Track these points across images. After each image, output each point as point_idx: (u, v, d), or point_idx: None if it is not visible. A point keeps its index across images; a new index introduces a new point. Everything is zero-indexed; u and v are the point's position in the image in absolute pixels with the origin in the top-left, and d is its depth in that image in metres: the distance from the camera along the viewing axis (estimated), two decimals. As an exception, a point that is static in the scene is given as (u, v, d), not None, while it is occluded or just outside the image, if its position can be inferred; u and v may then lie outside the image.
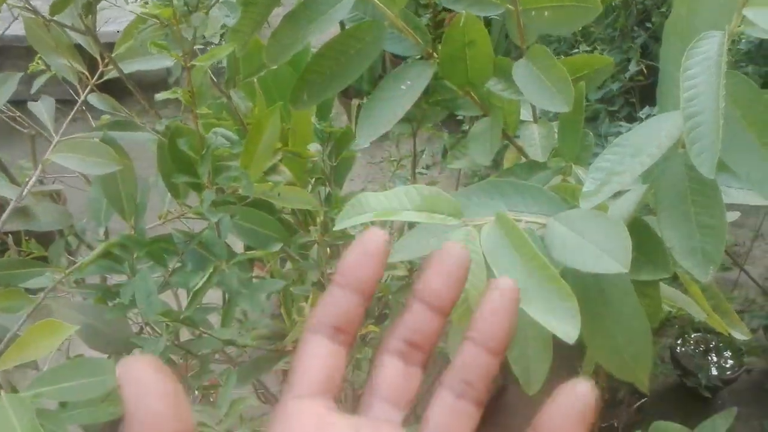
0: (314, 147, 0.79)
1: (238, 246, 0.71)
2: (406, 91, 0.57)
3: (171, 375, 0.20)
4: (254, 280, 0.65)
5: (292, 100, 0.56)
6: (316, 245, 0.66)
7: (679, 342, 1.50)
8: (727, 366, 1.45)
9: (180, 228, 0.62)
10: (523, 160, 0.65)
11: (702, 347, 1.52)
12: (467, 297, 0.35)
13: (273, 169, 0.63)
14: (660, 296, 0.48)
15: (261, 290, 0.48)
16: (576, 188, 0.50)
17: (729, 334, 0.56)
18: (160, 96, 0.47)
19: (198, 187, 0.58)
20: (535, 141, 0.62)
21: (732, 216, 0.63)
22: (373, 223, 0.41)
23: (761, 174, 0.36)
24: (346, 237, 0.57)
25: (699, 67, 0.37)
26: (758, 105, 0.37)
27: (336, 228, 0.39)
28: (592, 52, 1.20)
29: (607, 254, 0.35)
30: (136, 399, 0.19)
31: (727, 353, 1.46)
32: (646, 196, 0.46)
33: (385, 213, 0.38)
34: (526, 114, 0.66)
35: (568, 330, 0.31)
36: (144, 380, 0.19)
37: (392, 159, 0.78)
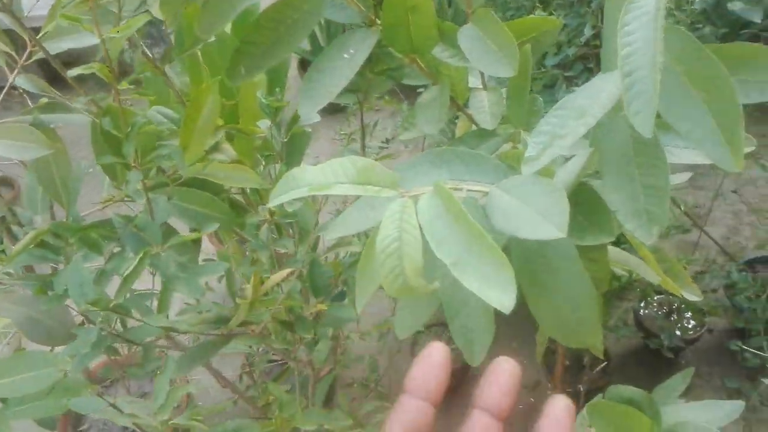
0: (264, 123, 0.76)
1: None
2: (348, 60, 0.55)
3: None
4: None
5: (228, 73, 0.53)
6: (266, 225, 0.64)
7: (642, 304, 1.53)
8: (690, 326, 1.47)
9: (127, 212, 0.59)
10: (475, 128, 0.64)
11: (665, 309, 1.55)
12: (403, 271, 0.33)
13: (215, 147, 0.60)
14: (608, 261, 0.48)
15: (201, 274, 0.46)
16: (523, 154, 0.49)
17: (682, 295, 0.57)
18: (73, 72, 0.44)
19: (129, 168, 0.56)
20: (484, 108, 0.61)
21: (683, 176, 0.63)
22: (314, 197, 0.39)
23: (703, 131, 0.35)
24: (293, 216, 0.55)
25: (637, 22, 0.36)
26: (701, 61, 0.36)
27: (270, 204, 0.37)
28: (547, 17, 1.18)
29: (545, 219, 0.33)
30: None
31: (689, 314, 1.48)
32: (592, 160, 0.45)
33: (320, 187, 0.36)
34: (476, 81, 0.64)
35: (504, 300, 0.30)
36: None
37: (342, 132, 0.76)
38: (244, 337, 0.59)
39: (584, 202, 0.44)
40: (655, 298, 1.52)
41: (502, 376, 0.26)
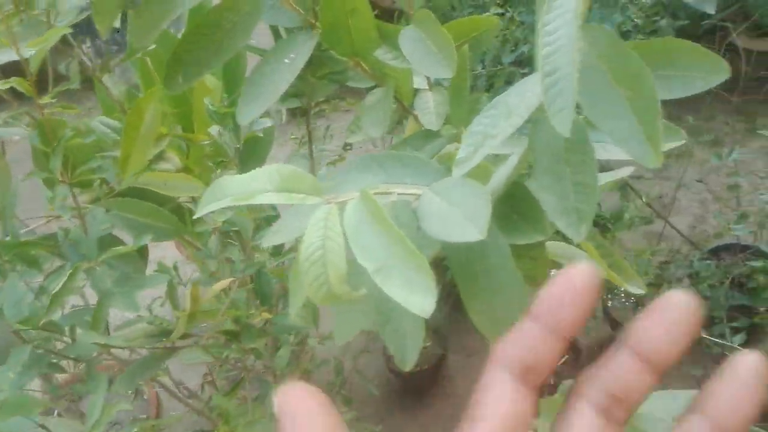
0: (214, 129, 0.76)
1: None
2: (289, 64, 0.54)
3: (326, 400, 0.20)
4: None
5: (166, 82, 0.53)
6: (216, 233, 0.63)
7: (609, 296, 1.54)
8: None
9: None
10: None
11: (633, 299, 1.57)
12: (328, 279, 0.33)
13: (160, 156, 0.59)
14: (546, 259, 0.48)
15: (140, 287, 0.45)
16: (463, 155, 0.49)
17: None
18: (-9, 86, 0.43)
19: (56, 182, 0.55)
20: (429, 109, 0.60)
21: (626, 171, 0.64)
22: (253, 206, 0.39)
23: (627, 129, 0.36)
24: (232, 224, 0.55)
25: (559, 20, 0.36)
26: (622, 58, 0.37)
27: (196, 215, 0.37)
28: (503, 15, 1.19)
29: (468, 222, 0.33)
30: (295, 425, 0.19)
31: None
32: (527, 159, 0.45)
33: (244, 196, 0.35)
34: (422, 82, 0.64)
35: (423, 304, 0.30)
36: (302, 407, 0.20)
37: (293, 137, 0.75)
38: (197, 348, 0.59)
39: (519, 201, 0.44)
40: (623, 289, 1.54)
41: (671, 314, 0.19)
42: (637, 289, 0.56)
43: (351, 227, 0.34)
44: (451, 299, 1.11)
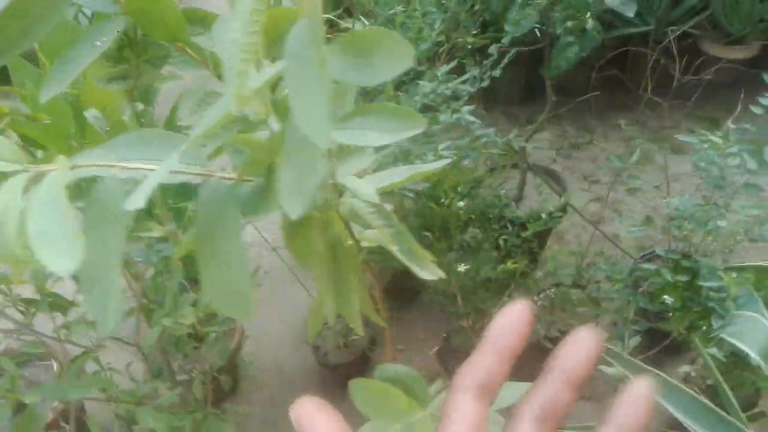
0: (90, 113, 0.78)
1: None
2: (99, 47, 0.57)
3: (336, 412, 0.25)
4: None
5: (-22, 60, 0.55)
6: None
7: (535, 298, 1.55)
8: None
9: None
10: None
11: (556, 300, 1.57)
12: (7, 242, 0.35)
13: (-5, 134, 0.61)
14: (311, 238, 0.50)
15: None
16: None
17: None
18: None
19: None
20: (257, 95, 0.62)
21: (443, 162, 0.65)
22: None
23: (312, 116, 0.37)
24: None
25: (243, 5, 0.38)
26: (314, 48, 0.38)
27: None
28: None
29: (138, 194, 0.35)
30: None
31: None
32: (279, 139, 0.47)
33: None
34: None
35: (65, 265, 0.32)
36: (316, 417, 0.25)
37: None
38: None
39: (272, 180, 0.46)
40: (550, 291, 1.55)
41: (582, 345, 0.25)
42: (430, 276, 0.57)
43: (39, 196, 0.36)
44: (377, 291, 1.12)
